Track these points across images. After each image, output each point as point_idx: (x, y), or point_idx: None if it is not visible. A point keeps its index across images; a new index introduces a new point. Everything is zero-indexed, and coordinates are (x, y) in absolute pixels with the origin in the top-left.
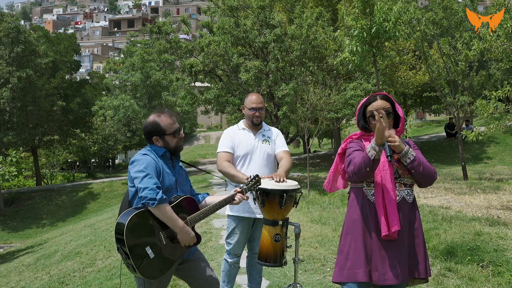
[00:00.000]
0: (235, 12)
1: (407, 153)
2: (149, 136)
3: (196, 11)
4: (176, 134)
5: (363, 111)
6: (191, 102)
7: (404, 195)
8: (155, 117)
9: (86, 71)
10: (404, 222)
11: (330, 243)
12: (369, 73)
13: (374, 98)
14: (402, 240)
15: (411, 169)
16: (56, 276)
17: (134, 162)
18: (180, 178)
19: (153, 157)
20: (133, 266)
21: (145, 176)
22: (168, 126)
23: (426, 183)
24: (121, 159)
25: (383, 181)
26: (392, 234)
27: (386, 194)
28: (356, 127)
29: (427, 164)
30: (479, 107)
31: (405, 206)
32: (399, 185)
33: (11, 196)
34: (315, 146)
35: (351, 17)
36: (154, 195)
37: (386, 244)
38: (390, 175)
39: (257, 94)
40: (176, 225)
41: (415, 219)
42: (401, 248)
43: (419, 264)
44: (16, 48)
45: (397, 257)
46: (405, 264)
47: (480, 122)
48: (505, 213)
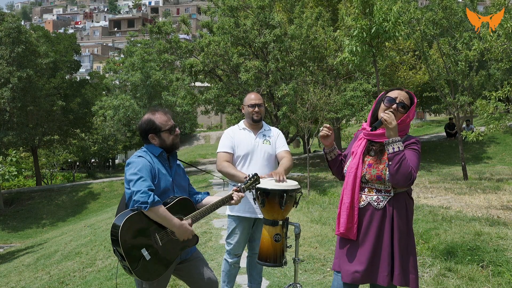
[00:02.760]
0: (235, 12)
1: (393, 143)
2: (144, 134)
3: (196, 11)
4: (171, 131)
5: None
6: (191, 102)
7: (370, 201)
8: (150, 115)
9: (86, 71)
10: (368, 228)
11: (330, 243)
12: (369, 73)
13: (398, 89)
14: (363, 244)
15: (389, 160)
16: (56, 276)
17: (130, 165)
18: (178, 177)
19: (148, 159)
20: (129, 268)
21: (138, 179)
22: (163, 123)
23: (397, 183)
24: (121, 159)
25: (346, 183)
26: (346, 233)
27: (343, 196)
28: (355, 128)
29: (407, 165)
30: (479, 107)
31: (372, 213)
32: (368, 190)
33: (11, 196)
34: (315, 146)
35: (351, 17)
36: (146, 199)
37: (350, 242)
38: (352, 179)
39: (256, 93)
40: (172, 224)
41: (383, 227)
42: (361, 251)
43: (381, 272)
44: (17, 48)
45: (357, 259)
46: (362, 267)
47: (480, 122)
48: (505, 213)
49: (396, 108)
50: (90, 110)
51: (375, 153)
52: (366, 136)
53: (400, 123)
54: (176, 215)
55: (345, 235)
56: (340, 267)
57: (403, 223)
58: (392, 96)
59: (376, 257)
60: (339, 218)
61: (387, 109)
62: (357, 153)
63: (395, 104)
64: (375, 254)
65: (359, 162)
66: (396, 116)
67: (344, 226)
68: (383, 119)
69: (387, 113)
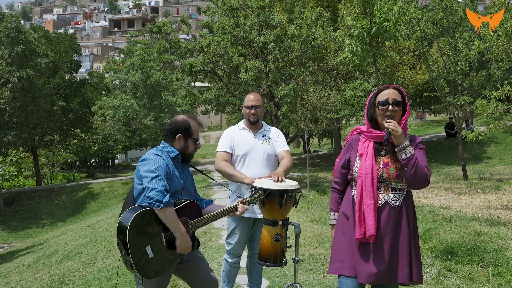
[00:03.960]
0: (235, 12)
1: (404, 149)
2: (174, 132)
3: (196, 11)
4: (196, 142)
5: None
6: (191, 102)
7: (388, 199)
8: (188, 118)
9: (86, 71)
10: (386, 227)
11: (330, 243)
12: (369, 73)
13: (386, 88)
14: (381, 244)
15: (404, 166)
16: (56, 276)
17: (145, 161)
18: (187, 182)
19: (164, 158)
20: (131, 263)
21: (155, 177)
22: (195, 132)
23: (415, 186)
24: (121, 159)
25: (364, 185)
26: (368, 238)
27: (364, 198)
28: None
29: (422, 167)
30: (479, 107)
31: (389, 211)
32: (384, 189)
33: (11, 196)
34: (315, 146)
35: (351, 17)
36: (161, 198)
37: (366, 244)
38: (371, 179)
39: (255, 93)
40: (177, 230)
41: (400, 224)
42: (379, 251)
43: (402, 270)
44: (17, 48)
45: (376, 259)
46: (383, 267)
47: (480, 122)
48: (505, 213)
49: (392, 109)
50: (90, 110)
51: (386, 152)
52: (373, 138)
53: (402, 121)
54: (182, 218)
55: (369, 238)
56: (352, 270)
57: (414, 220)
58: (384, 98)
59: (394, 255)
60: (363, 221)
61: (383, 113)
62: (368, 153)
63: (390, 105)
64: (393, 252)
65: (373, 163)
66: (395, 116)
67: (374, 228)
68: (390, 129)
69: (391, 122)
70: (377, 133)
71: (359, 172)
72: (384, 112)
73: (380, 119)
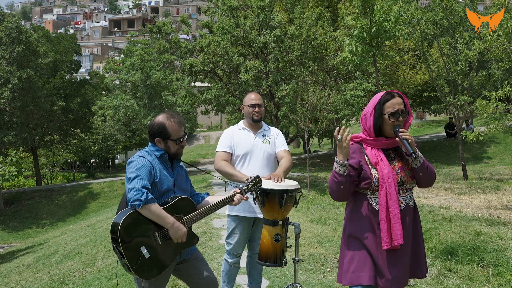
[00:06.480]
0: (235, 12)
1: (418, 156)
2: (152, 136)
3: (196, 11)
4: (178, 141)
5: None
6: (191, 102)
7: (407, 201)
8: (164, 119)
9: (86, 71)
10: (408, 229)
11: (330, 243)
12: (369, 73)
13: (391, 96)
14: (406, 248)
15: (420, 171)
16: (56, 276)
17: (130, 164)
18: (180, 178)
19: (150, 159)
20: (128, 266)
21: (135, 177)
22: (174, 132)
23: (428, 184)
24: (121, 159)
25: (389, 193)
26: (394, 246)
27: (391, 207)
28: (355, 128)
29: (432, 168)
30: (479, 107)
31: (409, 212)
32: (402, 191)
33: (11, 196)
34: (315, 146)
35: (351, 17)
36: (139, 196)
37: (390, 251)
38: (394, 187)
39: (256, 93)
40: (165, 222)
41: (416, 222)
42: (404, 255)
43: (421, 266)
44: (17, 48)
45: (401, 263)
46: (408, 269)
47: (480, 122)
48: (505, 213)
49: (402, 119)
50: (90, 110)
51: (394, 157)
52: (381, 146)
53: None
54: (176, 214)
55: (396, 246)
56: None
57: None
58: (393, 110)
59: (416, 254)
60: (390, 231)
61: (393, 124)
62: (383, 161)
63: (400, 116)
64: (415, 252)
65: (391, 169)
66: (401, 124)
67: (402, 237)
68: (409, 141)
69: (404, 132)
70: (385, 141)
71: (381, 181)
72: (394, 123)
73: (389, 129)
